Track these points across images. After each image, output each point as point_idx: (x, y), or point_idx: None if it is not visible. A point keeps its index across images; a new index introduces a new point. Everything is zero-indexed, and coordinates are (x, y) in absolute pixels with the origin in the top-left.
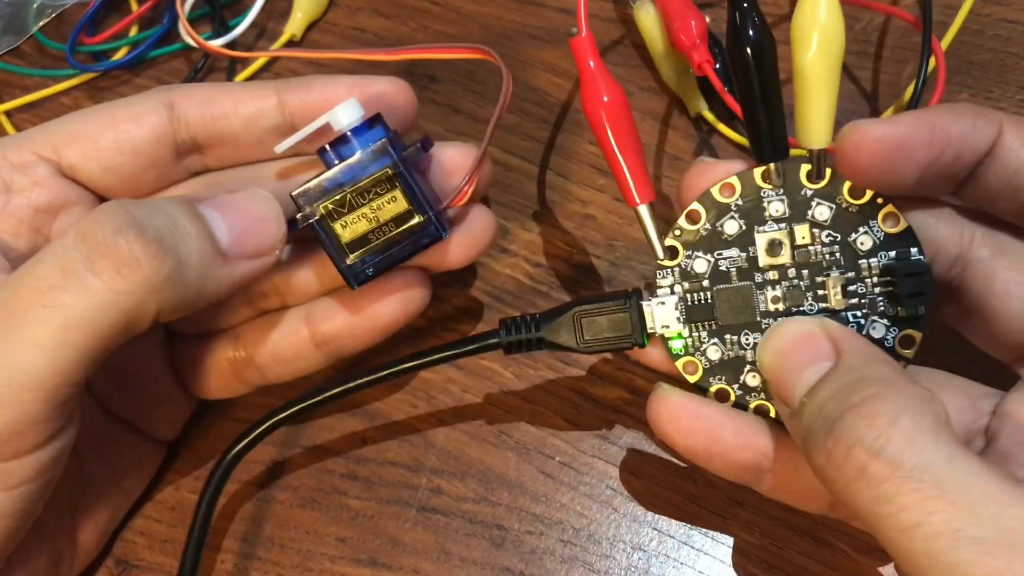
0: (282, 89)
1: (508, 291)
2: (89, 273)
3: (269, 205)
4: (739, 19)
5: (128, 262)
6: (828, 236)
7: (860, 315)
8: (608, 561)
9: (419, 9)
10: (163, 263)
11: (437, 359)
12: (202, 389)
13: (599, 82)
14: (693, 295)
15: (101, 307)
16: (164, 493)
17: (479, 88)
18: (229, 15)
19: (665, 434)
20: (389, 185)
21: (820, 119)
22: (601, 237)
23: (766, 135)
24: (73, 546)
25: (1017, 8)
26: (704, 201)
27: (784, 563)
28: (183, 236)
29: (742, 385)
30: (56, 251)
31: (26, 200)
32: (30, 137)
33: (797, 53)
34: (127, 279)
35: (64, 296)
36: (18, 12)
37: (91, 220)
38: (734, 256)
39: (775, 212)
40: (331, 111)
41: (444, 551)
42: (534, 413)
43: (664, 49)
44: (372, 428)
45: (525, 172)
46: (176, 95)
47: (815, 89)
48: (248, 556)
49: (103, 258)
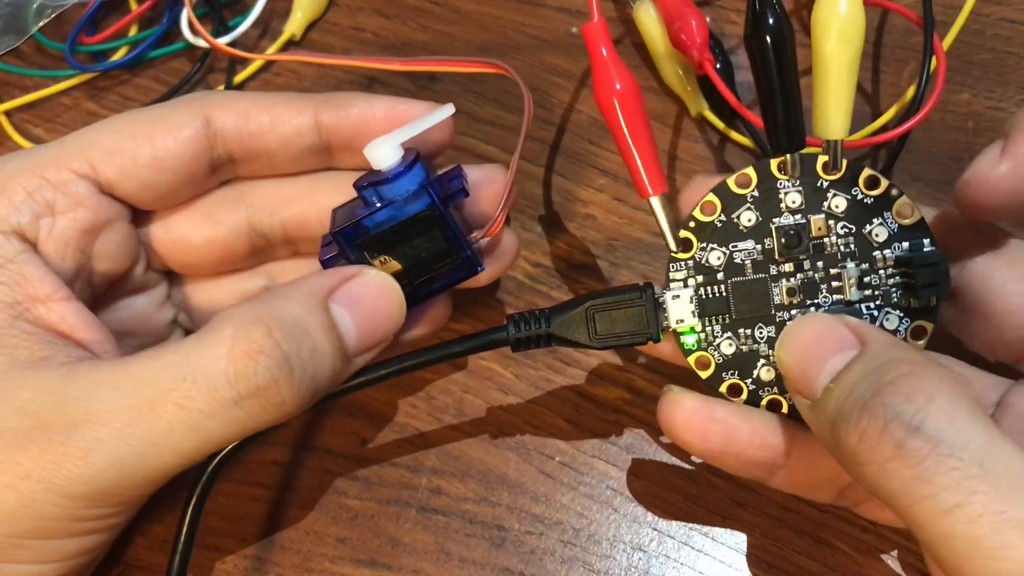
0: (319, 108)
1: (508, 291)
2: (237, 408)
3: (396, 297)
4: (759, 6)
5: (276, 404)
6: (843, 227)
7: (874, 307)
8: (608, 561)
9: (419, 9)
10: (305, 399)
11: (443, 355)
12: None
13: (611, 70)
14: (708, 288)
15: (239, 432)
16: (164, 493)
17: (479, 88)
18: (229, 15)
19: (680, 438)
20: (428, 225)
21: (838, 110)
22: (601, 237)
23: (783, 125)
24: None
25: (1017, 8)
26: (719, 192)
27: (784, 563)
28: (321, 360)
29: (755, 380)
30: (206, 371)
31: (71, 222)
32: (65, 152)
33: (817, 43)
34: (271, 415)
35: (209, 422)
36: (18, 12)
37: (248, 356)
38: (749, 248)
39: (791, 203)
40: (371, 149)
41: (444, 551)
42: (534, 413)
43: (664, 49)
44: (372, 428)
45: (526, 172)
46: (211, 108)
47: (834, 80)
48: (248, 556)
49: (254, 398)
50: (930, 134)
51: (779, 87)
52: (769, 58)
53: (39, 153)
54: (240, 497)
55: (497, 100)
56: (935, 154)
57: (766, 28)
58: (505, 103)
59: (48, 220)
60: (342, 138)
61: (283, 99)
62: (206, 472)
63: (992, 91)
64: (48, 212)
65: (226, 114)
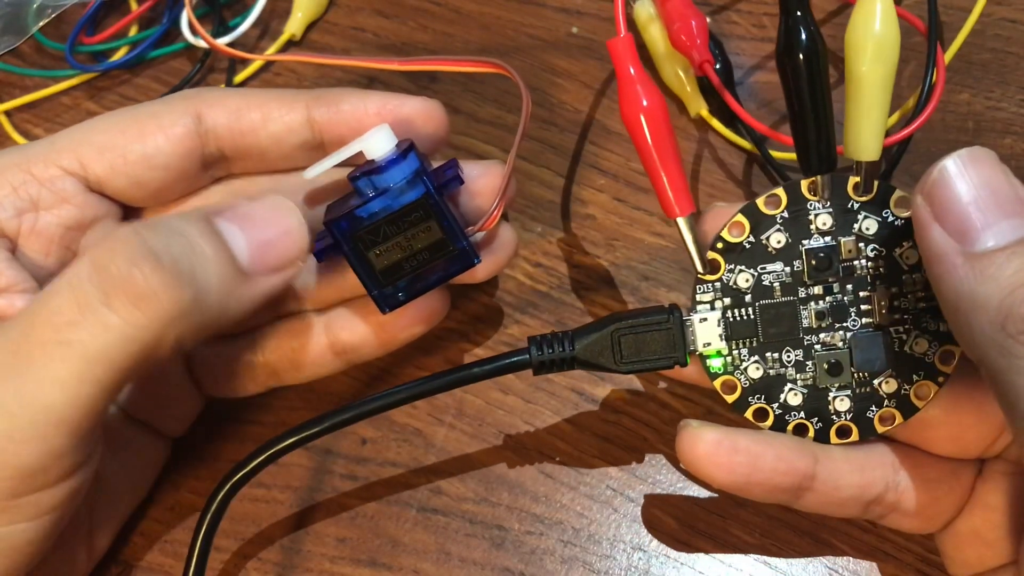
0: (311, 104)
1: (508, 291)
2: (105, 308)
3: (291, 215)
4: (792, 24)
5: (145, 295)
6: (873, 250)
7: (903, 330)
8: (608, 561)
9: (419, 9)
10: (182, 293)
11: (463, 379)
12: (216, 389)
13: (638, 86)
14: (735, 311)
15: (119, 343)
16: (164, 493)
17: (479, 88)
18: (229, 15)
19: (705, 473)
20: (423, 215)
21: (872, 132)
22: (601, 237)
23: (814, 146)
24: (89, 548)
25: (1017, 8)
26: (748, 213)
27: (784, 563)
28: (201, 261)
29: (782, 404)
30: (71, 283)
31: (55, 218)
32: (55, 148)
33: (852, 63)
34: (144, 313)
35: (81, 333)
36: (18, 12)
37: (105, 250)
38: (778, 270)
39: (821, 225)
40: (364, 139)
41: (444, 551)
42: (534, 413)
43: (664, 49)
44: (372, 428)
45: (525, 172)
46: (203, 105)
47: (868, 101)
48: (248, 556)
49: (119, 292)
50: (930, 134)
51: (811, 107)
52: (802, 77)
53: (29, 149)
54: (240, 497)
55: (497, 100)
56: (935, 154)
57: (799, 46)
58: (505, 103)
59: (31, 216)
60: (334, 134)
61: (275, 96)
62: (218, 496)
63: (992, 91)
64: (31, 208)
65: (218, 111)
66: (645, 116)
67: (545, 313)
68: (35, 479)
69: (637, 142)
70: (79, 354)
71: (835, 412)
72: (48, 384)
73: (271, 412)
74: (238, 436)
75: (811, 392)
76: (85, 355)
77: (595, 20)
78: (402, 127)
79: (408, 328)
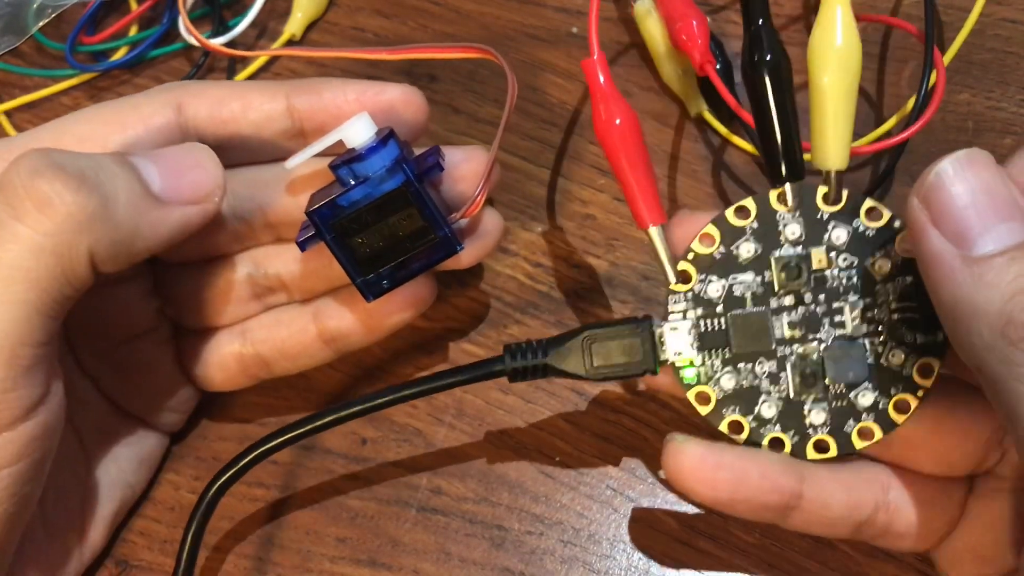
0: (291, 93)
1: (508, 291)
2: (13, 220)
3: (203, 152)
4: (754, 40)
5: (49, 201)
6: (845, 260)
7: (878, 342)
8: (608, 561)
9: (419, 9)
10: (87, 198)
11: (439, 386)
12: (207, 382)
13: (610, 104)
14: (707, 320)
15: (31, 253)
16: (163, 493)
17: (479, 88)
18: (229, 14)
19: (688, 488)
20: (404, 202)
21: (837, 141)
22: (601, 237)
23: (781, 155)
24: (81, 542)
25: (1017, 8)
26: (718, 224)
27: (784, 563)
28: (108, 175)
29: (756, 416)
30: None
31: None
32: (37, 140)
33: (815, 74)
34: (51, 218)
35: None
36: (18, 12)
37: (8, 168)
38: (748, 280)
39: (791, 235)
40: (344, 128)
41: (444, 551)
42: (534, 413)
43: (665, 49)
44: (372, 428)
45: (525, 172)
46: (184, 96)
47: (833, 110)
48: (248, 556)
49: (23, 201)
50: (931, 135)
51: (777, 119)
52: (765, 90)
53: (13, 142)
54: (240, 497)
55: (497, 100)
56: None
57: (763, 63)
58: (505, 103)
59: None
60: (315, 122)
61: (256, 86)
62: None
63: (992, 91)
64: None
65: (199, 101)
66: (617, 134)
67: (545, 313)
68: None
69: (610, 156)
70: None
71: (811, 425)
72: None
73: (272, 412)
74: (238, 437)
75: (786, 404)
76: (2, 274)
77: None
78: (383, 115)
79: (395, 314)
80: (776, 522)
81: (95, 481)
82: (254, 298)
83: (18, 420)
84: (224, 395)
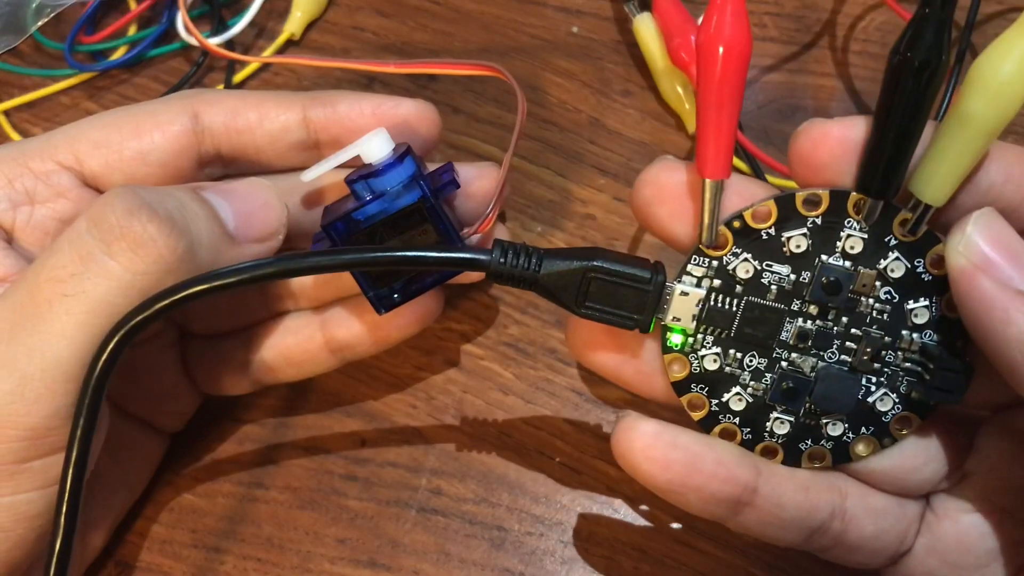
0: (307, 104)
1: (508, 290)
2: (106, 257)
3: (270, 192)
4: (919, 26)
5: (143, 242)
6: (887, 294)
7: (874, 381)
8: (608, 561)
9: (419, 8)
10: (177, 242)
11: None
12: (212, 387)
13: (734, 20)
14: (720, 296)
15: (121, 290)
16: (163, 494)
17: (479, 88)
18: (228, 14)
19: (637, 467)
20: (420, 218)
21: (949, 176)
22: (601, 237)
23: (884, 168)
24: (82, 542)
25: (1017, 8)
26: (781, 204)
27: (784, 563)
28: (192, 217)
29: (721, 404)
30: (71, 239)
31: (50, 212)
32: (52, 144)
33: (964, 98)
34: (144, 259)
35: (84, 283)
36: (17, 12)
37: (102, 205)
38: (783, 274)
39: (849, 247)
40: (362, 142)
41: (444, 552)
42: (534, 413)
43: (663, 65)
44: (371, 428)
45: (525, 172)
46: (200, 104)
47: (963, 144)
48: (248, 557)
49: (118, 240)
50: None
51: (900, 123)
52: (907, 85)
53: (27, 144)
54: (240, 497)
55: (497, 100)
56: None
57: (919, 50)
58: (505, 103)
59: (27, 209)
60: (330, 134)
61: (272, 96)
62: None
63: None
64: (27, 201)
65: (215, 110)
66: (724, 48)
67: (545, 313)
68: (44, 441)
69: (703, 77)
70: (84, 306)
71: (770, 432)
72: (55, 338)
73: (270, 413)
74: (236, 437)
75: (755, 404)
76: (89, 305)
77: (595, 20)
78: (396, 129)
79: (403, 328)
80: (726, 520)
81: (96, 481)
82: (262, 306)
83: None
84: (224, 396)
